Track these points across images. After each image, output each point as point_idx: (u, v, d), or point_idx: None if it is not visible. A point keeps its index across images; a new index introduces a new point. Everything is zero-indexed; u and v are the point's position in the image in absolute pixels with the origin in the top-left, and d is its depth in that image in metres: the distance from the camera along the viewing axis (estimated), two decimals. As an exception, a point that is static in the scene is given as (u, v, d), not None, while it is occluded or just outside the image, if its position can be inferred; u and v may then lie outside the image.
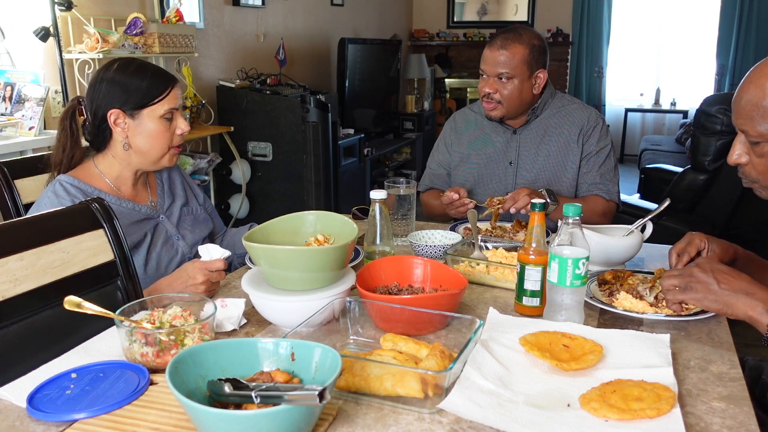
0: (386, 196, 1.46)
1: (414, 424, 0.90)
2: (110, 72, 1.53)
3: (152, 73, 1.55)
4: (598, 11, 6.91)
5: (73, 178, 1.53)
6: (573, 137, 1.99)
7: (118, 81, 1.52)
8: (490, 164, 2.07)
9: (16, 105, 2.74)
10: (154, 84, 1.53)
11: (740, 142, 1.19)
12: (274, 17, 4.74)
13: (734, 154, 1.19)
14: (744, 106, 1.12)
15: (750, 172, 1.19)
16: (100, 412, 0.92)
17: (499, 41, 1.91)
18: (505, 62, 1.89)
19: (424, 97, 6.65)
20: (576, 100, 2.09)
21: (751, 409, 0.94)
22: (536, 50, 1.91)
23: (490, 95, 1.93)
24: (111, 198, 1.56)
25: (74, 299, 1.07)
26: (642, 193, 4.20)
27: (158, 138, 1.55)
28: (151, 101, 1.52)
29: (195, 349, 0.90)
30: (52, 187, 1.51)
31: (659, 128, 7.27)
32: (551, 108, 2.03)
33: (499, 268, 1.43)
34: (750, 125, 1.12)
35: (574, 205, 1.17)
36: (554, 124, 2.02)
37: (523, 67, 1.90)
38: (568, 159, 2.00)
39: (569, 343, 1.08)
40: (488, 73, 1.93)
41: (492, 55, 1.91)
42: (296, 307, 1.17)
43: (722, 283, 1.09)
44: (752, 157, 1.17)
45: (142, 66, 1.56)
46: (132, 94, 1.51)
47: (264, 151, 4.00)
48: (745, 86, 1.13)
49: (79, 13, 2.98)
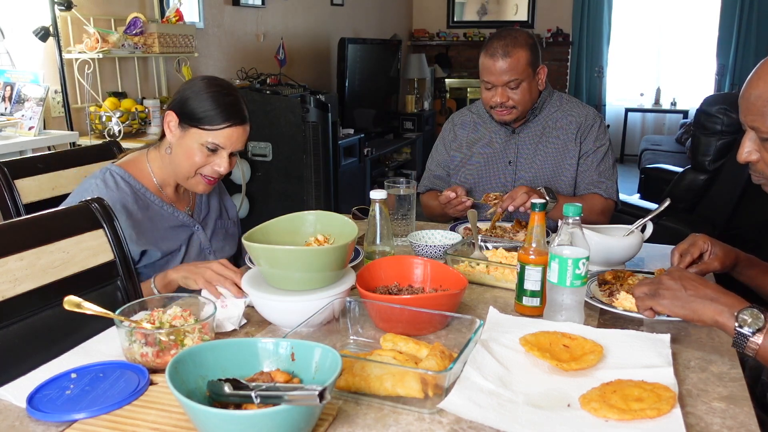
0: (386, 196, 1.46)
1: (414, 424, 0.90)
2: (201, 81, 1.52)
3: (225, 103, 1.49)
4: (598, 11, 6.91)
5: (124, 170, 1.52)
6: (571, 136, 2.00)
7: (196, 90, 1.49)
8: (489, 164, 2.07)
9: (15, 105, 2.74)
10: (216, 113, 1.48)
11: (750, 139, 1.17)
12: (274, 17, 4.74)
13: (744, 151, 1.17)
14: (754, 102, 1.11)
15: (763, 168, 1.17)
16: (99, 412, 0.92)
17: (500, 50, 1.88)
18: (511, 69, 1.88)
19: (424, 97, 6.65)
20: (573, 98, 2.09)
21: (752, 409, 0.94)
22: (534, 49, 1.93)
23: (503, 104, 1.92)
24: (155, 199, 1.56)
25: (74, 299, 1.07)
26: (642, 193, 4.20)
27: (189, 159, 1.51)
28: (200, 125, 1.48)
29: (195, 349, 0.90)
30: (101, 175, 1.50)
31: (659, 128, 7.27)
32: (549, 107, 2.04)
33: (499, 268, 1.43)
34: (761, 121, 1.11)
35: (574, 205, 1.17)
36: (552, 123, 2.02)
37: (528, 69, 1.91)
38: (566, 157, 2.00)
39: (569, 343, 1.08)
40: (495, 83, 1.91)
41: (495, 65, 1.89)
42: (296, 307, 1.17)
43: (689, 290, 1.08)
44: (763, 153, 1.15)
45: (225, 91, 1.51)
46: (194, 108, 1.48)
47: (264, 151, 3.99)
48: (754, 82, 1.12)
49: (79, 13, 2.98)
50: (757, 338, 0.97)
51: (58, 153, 2.39)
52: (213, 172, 1.54)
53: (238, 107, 1.52)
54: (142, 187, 1.55)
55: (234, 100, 1.52)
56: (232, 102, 1.51)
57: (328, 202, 3.97)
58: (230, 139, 1.50)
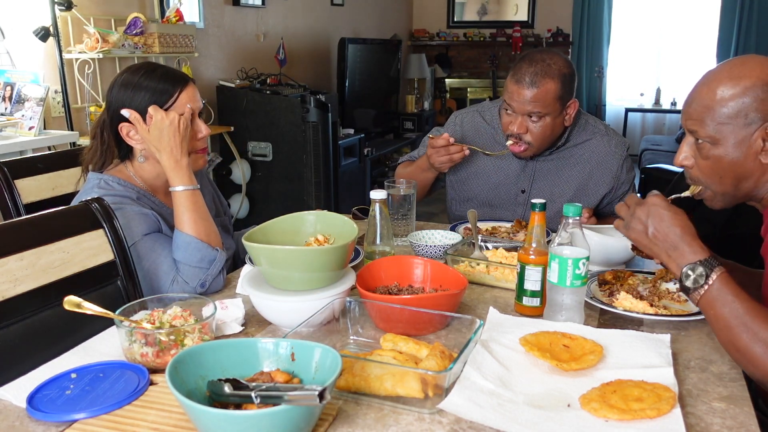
0: (386, 196, 1.46)
1: (414, 424, 0.90)
2: (124, 77, 1.45)
3: (160, 75, 1.45)
4: (598, 11, 6.91)
5: (114, 176, 1.48)
6: (596, 169, 1.87)
7: (129, 86, 1.43)
8: (499, 189, 1.93)
9: (15, 105, 2.74)
10: (164, 86, 1.43)
11: (687, 144, 1.21)
12: (274, 17, 4.74)
13: (681, 156, 1.22)
14: (695, 108, 1.15)
15: (696, 175, 1.21)
16: (99, 412, 0.92)
17: (527, 77, 1.68)
18: (536, 101, 1.69)
19: (424, 97, 6.65)
20: (599, 126, 1.91)
21: (751, 409, 0.94)
22: (568, 81, 1.72)
23: (520, 136, 1.76)
24: (154, 198, 1.52)
25: (74, 299, 1.07)
26: (642, 193, 4.19)
27: None
28: (166, 103, 1.43)
29: (195, 349, 0.90)
30: (96, 183, 1.45)
31: (659, 128, 7.27)
32: (574, 138, 1.88)
33: (499, 268, 1.43)
34: (699, 126, 1.15)
35: (574, 205, 1.17)
36: (576, 157, 1.88)
37: (556, 104, 1.72)
38: (587, 192, 1.87)
39: (569, 343, 1.08)
40: (517, 111, 1.73)
41: (520, 92, 1.69)
42: (296, 307, 1.17)
43: (653, 232, 1.12)
44: (698, 159, 1.19)
45: (148, 68, 1.47)
46: (143, 98, 1.42)
47: (264, 151, 4.00)
48: (698, 88, 1.17)
49: (79, 13, 2.98)
50: (696, 294, 1.04)
51: (58, 153, 2.40)
52: (200, 141, 1.51)
53: (171, 70, 1.50)
54: (140, 189, 1.51)
55: (162, 69, 1.49)
56: (164, 71, 1.48)
57: (328, 202, 3.97)
58: (192, 99, 1.47)
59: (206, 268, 1.39)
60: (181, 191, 1.41)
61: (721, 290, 1.02)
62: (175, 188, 1.42)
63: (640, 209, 1.14)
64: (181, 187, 1.41)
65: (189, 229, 1.40)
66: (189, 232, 1.39)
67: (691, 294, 1.05)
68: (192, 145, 1.49)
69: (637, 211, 1.14)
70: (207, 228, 1.42)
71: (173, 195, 1.42)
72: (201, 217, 1.42)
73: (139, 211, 1.43)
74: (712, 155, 1.15)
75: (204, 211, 1.44)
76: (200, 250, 1.39)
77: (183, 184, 1.41)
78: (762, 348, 0.97)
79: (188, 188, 1.42)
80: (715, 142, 1.14)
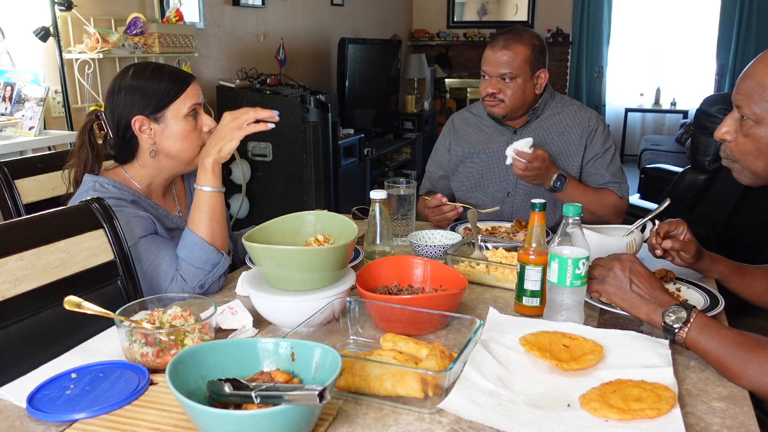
0: (386, 196, 1.46)
1: (414, 424, 0.90)
2: (126, 79, 1.48)
3: (169, 74, 1.50)
4: (598, 11, 6.91)
5: (110, 179, 1.48)
6: (574, 139, 1.99)
7: (135, 87, 1.47)
8: (490, 165, 2.06)
9: (16, 105, 2.74)
10: (172, 83, 1.48)
11: (732, 118, 1.21)
12: (274, 17, 4.74)
13: (723, 128, 1.22)
14: (747, 84, 1.15)
15: (732, 149, 1.21)
16: (100, 412, 0.92)
17: (500, 42, 1.91)
18: (508, 62, 1.89)
19: (424, 97, 6.65)
20: (575, 101, 2.08)
21: (751, 409, 0.94)
22: (537, 50, 1.92)
23: (493, 95, 1.93)
24: (150, 201, 1.53)
25: (74, 299, 1.07)
26: (642, 193, 4.20)
27: (187, 138, 1.50)
28: (172, 100, 1.47)
29: (195, 349, 0.90)
30: (91, 186, 1.46)
31: (659, 128, 7.28)
32: (551, 109, 2.03)
33: (499, 268, 1.43)
34: (746, 102, 1.15)
35: (574, 205, 1.17)
36: (554, 125, 2.01)
37: (525, 67, 1.90)
38: (569, 161, 1.99)
39: (569, 343, 1.08)
40: (490, 74, 1.93)
41: (494, 55, 1.91)
42: (296, 307, 1.17)
43: (634, 285, 1.14)
44: (738, 136, 1.19)
45: (158, 68, 1.51)
46: (152, 96, 1.46)
47: (264, 151, 3.99)
48: (755, 64, 1.16)
49: (79, 13, 2.98)
50: (683, 331, 1.05)
51: (58, 153, 2.39)
52: (207, 134, 1.53)
53: (177, 69, 1.56)
54: (135, 192, 1.51)
55: (167, 66, 1.55)
56: (170, 69, 1.53)
57: (328, 202, 3.97)
58: (199, 96, 1.52)
59: (208, 270, 1.39)
60: (208, 191, 1.43)
61: (705, 325, 1.04)
62: (202, 187, 1.43)
63: (615, 266, 1.17)
64: (208, 188, 1.43)
65: (200, 230, 1.41)
66: (199, 233, 1.40)
67: (677, 334, 1.06)
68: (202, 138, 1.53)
69: (614, 269, 1.17)
70: (219, 231, 1.43)
71: (196, 193, 1.43)
72: (215, 220, 1.43)
73: (135, 213, 1.43)
74: (752, 133, 1.15)
75: (220, 214, 1.45)
76: (206, 252, 1.39)
77: (210, 186, 1.43)
78: (754, 368, 0.97)
79: (215, 190, 1.43)
80: (759, 121, 1.14)
